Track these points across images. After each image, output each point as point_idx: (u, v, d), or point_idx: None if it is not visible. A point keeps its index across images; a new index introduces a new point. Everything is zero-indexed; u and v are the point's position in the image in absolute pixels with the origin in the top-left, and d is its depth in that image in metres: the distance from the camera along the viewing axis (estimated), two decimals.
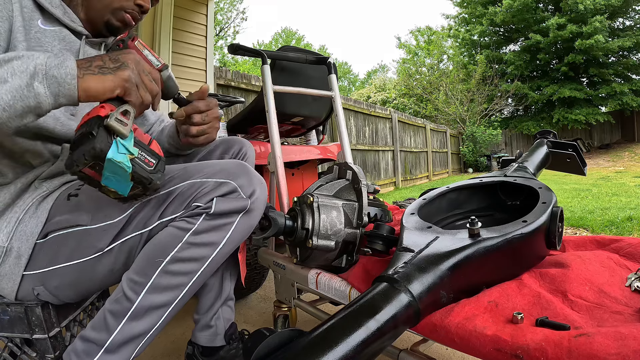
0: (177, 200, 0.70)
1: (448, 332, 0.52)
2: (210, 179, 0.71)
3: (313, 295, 1.00)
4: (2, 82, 0.54)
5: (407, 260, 0.59)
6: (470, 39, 16.64)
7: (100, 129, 0.55)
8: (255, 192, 0.73)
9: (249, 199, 0.72)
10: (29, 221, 0.70)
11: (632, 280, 0.60)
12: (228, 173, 0.73)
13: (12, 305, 0.78)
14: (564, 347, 0.42)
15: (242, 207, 0.71)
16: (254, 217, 0.74)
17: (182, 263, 0.68)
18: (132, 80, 0.60)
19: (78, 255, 0.70)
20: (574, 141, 1.25)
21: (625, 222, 2.78)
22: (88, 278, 0.72)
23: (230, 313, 0.97)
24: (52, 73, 0.55)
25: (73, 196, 0.73)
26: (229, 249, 0.73)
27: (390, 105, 18.33)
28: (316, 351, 0.44)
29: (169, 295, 0.68)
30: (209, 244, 0.70)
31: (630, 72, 14.07)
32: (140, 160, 0.58)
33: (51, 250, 0.70)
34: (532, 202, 0.71)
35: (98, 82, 0.58)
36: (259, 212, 0.75)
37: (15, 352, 0.83)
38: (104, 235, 0.69)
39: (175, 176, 0.72)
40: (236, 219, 0.71)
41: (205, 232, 0.69)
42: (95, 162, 0.55)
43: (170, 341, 1.26)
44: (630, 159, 11.17)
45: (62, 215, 0.71)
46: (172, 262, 0.68)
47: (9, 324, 0.80)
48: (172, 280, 0.68)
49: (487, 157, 12.34)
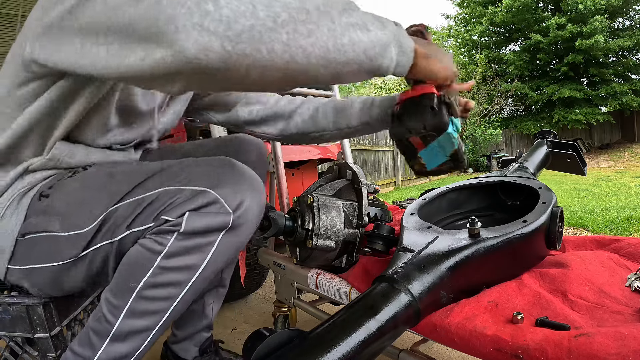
0: (146, 211, 0.61)
1: (448, 332, 0.52)
2: (187, 187, 0.61)
3: (313, 295, 1.00)
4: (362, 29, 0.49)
5: (407, 260, 0.59)
6: (470, 39, 16.63)
7: (442, 106, 0.61)
8: (243, 203, 0.61)
9: (233, 213, 0.60)
10: (9, 218, 0.65)
11: (632, 280, 0.60)
12: (209, 178, 0.62)
13: (13, 305, 0.78)
14: (564, 347, 0.42)
15: (222, 224, 0.60)
16: (241, 234, 0.63)
17: (157, 289, 0.61)
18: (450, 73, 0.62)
19: (52, 259, 0.65)
20: (574, 141, 1.25)
21: (625, 222, 2.78)
22: (68, 280, 0.67)
23: (208, 332, 0.96)
24: (400, 40, 0.53)
25: (44, 197, 0.66)
26: (212, 271, 0.64)
27: None
28: (316, 351, 0.45)
29: (149, 320, 0.62)
30: (186, 267, 0.61)
31: (630, 72, 14.06)
32: (459, 138, 0.64)
33: (28, 249, 0.66)
34: (532, 202, 0.71)
35: (435, 64, 0.59)
36: (250, 226, 0.64)
37: (17, 351, 0.83)
38: (74, 244, 0.63)
39: (148, 179, 0.63)
40: (217, 238, 0.61)
41: (179, 255, 0.60)
42: (430, 133, 0.61)
43: None
44: (630, 159, 11.17)
45: (36, 216, 0.65)
46: (147, 287, 0.61)
47: (10, 323, 0.80)
48: (149, 305, 0.62)
49: (487, 157, 12.33)
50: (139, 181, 0.64)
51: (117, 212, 0.62)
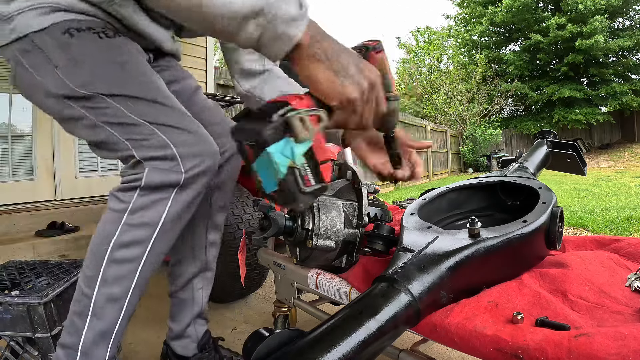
0: (123, 126, 0.67)
1: (448, 332, 0.52)
2: (160, 134, 0.67)
3: (313, 295, 1.00)
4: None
5: (407, 260, 0.59)
6: (470, 39, 16.64)
7: (279, 119, 0.48)
8: (196, 166, 0.69)
9: (184, 173, 0.67)
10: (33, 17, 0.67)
11: (632, 280, 0.60)
12: (179, 135, 0.68)
13: (14, 305, 0.78)
14: (564, 347, 0.42)
15: (174, 182, 0.67)
16: (188, 194, 0.70)
17: (125, 249, 0.67)
18: (358, 105, 0.51)
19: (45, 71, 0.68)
20: (574, 141, 1.25)
21: (625, 222, 2.78)
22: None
23: (203, 324, 0.97)
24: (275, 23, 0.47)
25: (70, 35, 0.68)
26: (170, 229, 0.70)
27: None
28: (316, 351, 0.45)
29: (121, 286, 0.68)
30: (146, 224, 0.67)
31: (630, 72, 14.06)
32: (299, 173, 0.49)
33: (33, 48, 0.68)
34: (532, 202, 0.71)
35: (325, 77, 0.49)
36: (197, 188, 0.71)
37: (17, 350, 0.83)
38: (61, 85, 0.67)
39: (144, 101, 0.69)
40: (171, 195, 0.68)
41: (141, 209, 0.67)
42: (257, 146, 0.48)
43: None
44: (630, 159, 11.17)
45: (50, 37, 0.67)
46: (116, 248, 0.67)
47: (11, 323, 0.80)
48: (119, 270, 0.67)
49: (487, 157, 12.34)
50: (137, 95, 0.69)
51: (103, 102, 0.67)
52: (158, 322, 1.40)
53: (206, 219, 0.94)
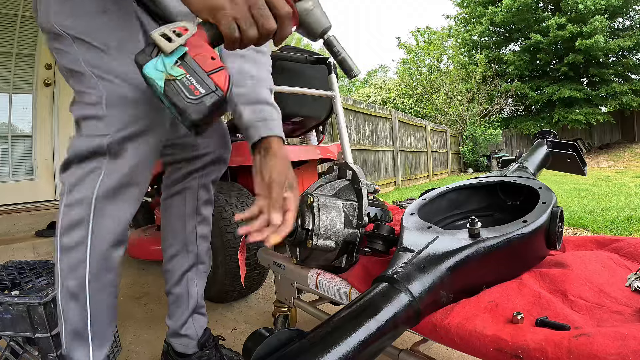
0: (77, 74, 0.63)
1: (448, 332, 0.52)
2: (97, 86, 0.61)
3: (313, 295, 1.00)
4: None
5: (407, 260, 0.59)
6: (470, 39, 16.62)
7: (150, 39, 0.51)
8: (125, 128, 0.61)
9: (109, 136, 0.60)
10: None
11: (632, 280, 0.60)
12: (118, 87, 0.62)
13: (14, 305, 0.78)
14: (564, 347, 0.42)
15: (97, 147, 0.60)
16: (123, 164, 0.62)
17: (68, 234, 0.62)
18: (229, 13, 0.50)
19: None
20: (574, 141, 1.25)
21: (625, 222, 2.78)
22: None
23: (202, 320, 0.98)
24: None
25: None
26: (109, 206, 0.62)
27: (390, 105, 18.32)
28: (316, 351, 0.45)
29: (75, 278, 0.63)
30: (80, 201, 0.61)
31: (630, 72, 14.05)
32: (180, 84, 0.50)
33: None
34: (532, 202, 0.71)
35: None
36: (134, 156, 0.62)
37: (17, 350, 0.83)
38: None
39: (109, 50, 0.63)
40: (102, 165, 0.60)
41: (75, 185, 0.61)
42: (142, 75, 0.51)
43: None
44: (630, 159, 11.16)
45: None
46: (62, 235, 0.63)
47: (11, 323, 0.80)
48: (69, 259, 0.63)
49: (487, 157, 12.35)
50: (99, 44, 0.63)
51: (69, 46, 0.64)
52: (158, 322, 1.40)
53: (195, 214, 0.95)
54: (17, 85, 2.84)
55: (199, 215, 0.96)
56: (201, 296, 0.98)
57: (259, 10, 0.50)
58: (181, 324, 0.94)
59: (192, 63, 0.51)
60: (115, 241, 0.65)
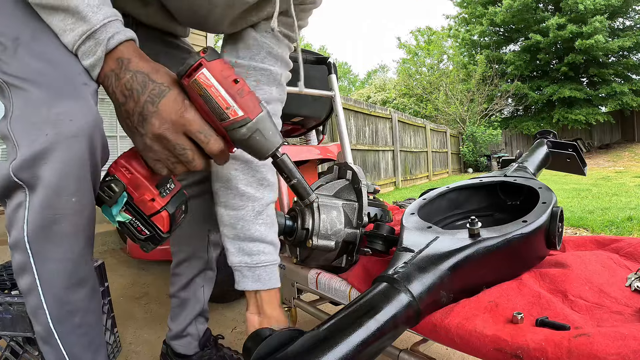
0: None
1: (448, 332, 0.52)
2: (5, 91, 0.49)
3: (313, 295, 1.00)
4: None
5: (407, 260, 0.59)
6: (470, 39, 16.63)
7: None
8: (31, 145, 0.46)
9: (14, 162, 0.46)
10: None
11: (632, 280, 0.60)
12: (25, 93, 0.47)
13: (14, 304, 0.78)
14: (564, 347, 0.42)
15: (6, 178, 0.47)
16: (40, 194, 0.47)
17: (19, 279, 0.53)
18: (150, 155, 0.49)
19: None
20: (574, 141, 1.25)
21: (625, 222, 2.78)
22: None
23: (204, 323, 0.97)
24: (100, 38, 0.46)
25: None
26: (51, 249, 0.50)
27: (390, 105, 18.32)
28: (316, 351, 0.45)
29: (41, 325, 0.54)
30: (16, 245, 0.50)
31: (630, 72, 14.06)
32: (129, 226, 0.56)
33: None
34: (532, 202, 0.71)
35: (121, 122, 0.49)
36: (49, 182, 0.47)
37: (17, 350, 0.83)
38: None
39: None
40: (25, 198, 0.48)
41: (9, 224, 0.51)
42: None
43: None
44: (630, 159, 11.17)
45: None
46: (17, 278, 0.54)
47: (11, 323, 0.80)
48: (30, 306, 0.53)
49: (487, 157, 12.35)
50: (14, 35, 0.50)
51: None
52: (158, 322, 1.40)
53: (207, 219, 0.92)
54: None
55: (212, 220, 0.90)
56: (207, 301, 0.96)
57: (180, 155, 0.49)
58: (184, 327, 0.93)
59: (136, 208, 0.55)
60: (70, 283, 0.54)
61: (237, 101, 0.48)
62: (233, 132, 0.49)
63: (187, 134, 0.48)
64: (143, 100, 0.46)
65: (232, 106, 0.47)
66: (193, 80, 0.47)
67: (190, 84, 0.47)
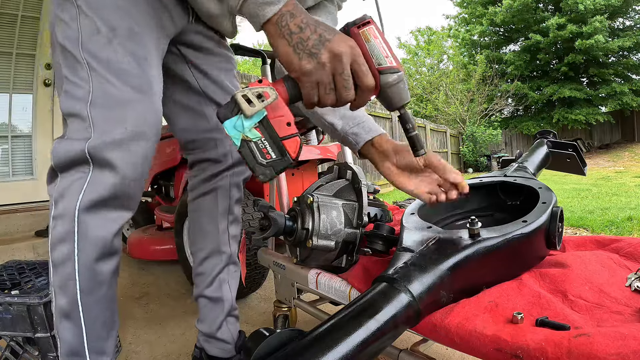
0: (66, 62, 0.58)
1: (448, 332, 0.52)
2: (89, 78, 0.57)
3: (313, 295, 1.00)
4: None
5: (407, 260, 0.59)
6: (470, 39, 16.63)
7: (232, 98, 0.54)
8: (109, 133, 0.55)
9: (90, 141, 0.55)
10: None
11: (632, 280, 0.60)
12: (109, 84, 0.57)
13: (14, 304, 0.78)
14: (564, 347, 0.42)
15: (77, 154, 0.54)
16: (111, 176, 0.57)
17: (56, 249, 0.58)
18: (313, 78, 0.52)
19: None
20: (574, 141, 1.25)
21: (625, 222, 2.78)
22: None
23: (235, 323, 0.95)
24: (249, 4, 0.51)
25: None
26: (94, 223, 0.57)
27: None
28: (316, 351, 0.45)
29: (66, 296, 0.58)
30: (63, 216, 0.56)
31: (630, 72, 14.06)
32: (255, 146, 0.54)
33: None
34: (532, 202, 0.71)
35: (284, 51, 0.52)
36: (123, 167, 0.57)
37: (17, 350, 0.83)
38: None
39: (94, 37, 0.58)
40: (87, 176, 0.55)
41: (60, 197, 0.56)
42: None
43: (170, 341, 1.26)
44: (630, 159, 11.16)
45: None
46: (52, 248, 0.58)
47: (11, 323, 0.80)
48: (59, 276, 0.58)
49: (487, 157, 12.35)
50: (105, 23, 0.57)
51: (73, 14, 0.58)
52: (158, 322, 1.40)
53: (227, 214, 0.92)
54: (17, 85, 2.84)
55: (231, 214, 0.93)
56: (234, 297, 0.94)
57: (343, 80, 0.52)
58: (216, 328, 0.91)
59: (269, 127, 0.55)
60: (102, 254, 0.60)
61: (393, 54, 0.57)
62: (385, 76, 0.56)
63: (353, 65, 0.52)
64: (320, 31, 0.52)
65: (390, 56, 0.56)
66: (364, 30, 0.56)
67: (360, 33, 0.56)
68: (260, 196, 1.83)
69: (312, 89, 0.53)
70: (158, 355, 1.18)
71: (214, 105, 0.86)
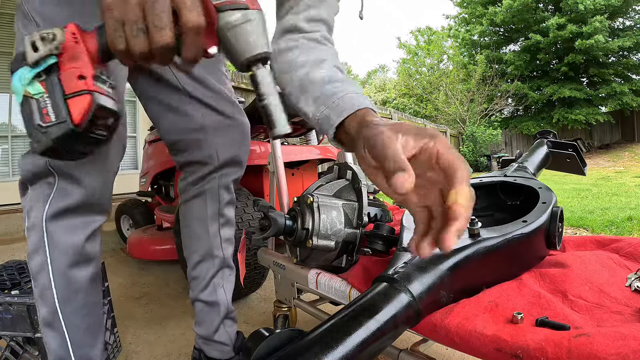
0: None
1: (448, 332, 0.52)
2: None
3: (313, 295, 1.00)
4: None
5: (407, 260, 0.59)
6: (470, 39, 16.64)
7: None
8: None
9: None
10: None
11: (632, 280, 0.60)
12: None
13: (14, 304, 0.78)
14: (564, 347, 0.42)
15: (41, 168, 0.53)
16: (71, 185, 0.56)
17: (32, 258, 0.59)
18: (116, 13, 0.38)
19: None
20: (574, 141, 1.25)
21: (625, 222, 2.78)
22: None
23: (232, 325, 0.95)
24: None
25: None
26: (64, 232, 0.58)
27: (390, 106, 18.32)
28: (316, 351, 0.45)
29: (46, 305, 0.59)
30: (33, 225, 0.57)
31: (630, 72, 14.07)
32: (35, 104, 0.42)
33: None
34: (532, 202, 0.71)
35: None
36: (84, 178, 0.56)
37: (17, 350, 0.83)
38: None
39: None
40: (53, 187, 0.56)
41: (30, 210, 0.57)
42: None
43: (170, 341, 1.26)
44: (630, 159, 11.16)
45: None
46: (29, 258, 0.59)
47: (11, 323, 0.80)
48: (37, 286, 0.59)
49: (487, 157, 12.36)
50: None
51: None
52: (158, 322, 1.40)
53: (217, 216, 0.92)
54: None
55: (222, 217, 0.92)
56: (230, 301, 0.94)
57: (154, 16, 0.37)
58: (213, 331, 0.91)
59: (54, 80, 0.41)
60: (74, 261, 0.61)
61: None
62: (225, 14, 0.41)
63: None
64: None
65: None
66: None
67: None
68: (260, 196, 1.83)
69: (115, 30, 0.38)
70: (158, 355, 1.18)
71: (195, 103, 0.84)
